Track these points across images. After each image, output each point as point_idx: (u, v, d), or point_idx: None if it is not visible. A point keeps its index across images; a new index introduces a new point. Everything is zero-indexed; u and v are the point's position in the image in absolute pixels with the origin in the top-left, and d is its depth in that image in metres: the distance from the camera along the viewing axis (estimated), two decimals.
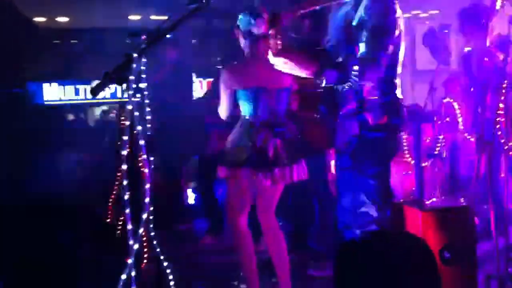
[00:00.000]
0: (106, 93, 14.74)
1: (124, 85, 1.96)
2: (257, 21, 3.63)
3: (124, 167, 1.95)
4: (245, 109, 3.71)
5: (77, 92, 8.69)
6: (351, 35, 2.87)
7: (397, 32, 2.84)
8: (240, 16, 3.67)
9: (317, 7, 2.93)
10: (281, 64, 2.90)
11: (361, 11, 2.85)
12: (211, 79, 5.78)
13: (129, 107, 1.93)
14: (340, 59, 2.87)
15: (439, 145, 5.36)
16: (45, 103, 7.89)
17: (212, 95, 5.47)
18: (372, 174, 2.90)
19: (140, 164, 2.12)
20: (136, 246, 2.00)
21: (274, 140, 3.65)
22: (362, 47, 2.79)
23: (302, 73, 2.91)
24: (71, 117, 9.15)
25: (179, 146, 5.92)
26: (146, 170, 2.08)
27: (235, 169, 3.66)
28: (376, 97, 2.88)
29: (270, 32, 2.83)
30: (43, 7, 8.74)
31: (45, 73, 7.65)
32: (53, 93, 8.20)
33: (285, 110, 3.78)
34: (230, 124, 3.85)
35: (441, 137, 5.32)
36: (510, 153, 4.01)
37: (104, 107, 11.25)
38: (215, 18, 9.92)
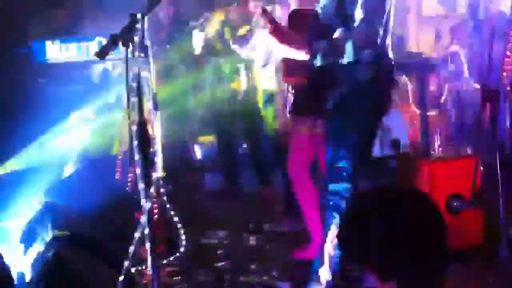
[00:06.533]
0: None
1: (130, 47, 1.96)
2: None
3: (134, 127, 1.98)
4: None
5: (79, 49, 8.58)
6: (345, 9, 2.80)
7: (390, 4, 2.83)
8: None
9: None
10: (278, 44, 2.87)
11: None
12: None
13: (135, 68, 1.95)
14: (336, 36, 2.79)
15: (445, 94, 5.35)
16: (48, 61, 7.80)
17: None
18: (355, 129, 2.86)
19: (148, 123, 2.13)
20: (148, 205, 2.05)
21: None
22: (357, 25, 2.74)
23: (297, 52, 2.90)
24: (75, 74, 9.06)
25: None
26: (157, 129, 2.10)
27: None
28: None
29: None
30: None
31: (48, 30, 7.57)
32: (55, 51, 8.10)
33: None
34: None
35: (446, 86, 5.29)
36: None
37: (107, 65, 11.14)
38: None
